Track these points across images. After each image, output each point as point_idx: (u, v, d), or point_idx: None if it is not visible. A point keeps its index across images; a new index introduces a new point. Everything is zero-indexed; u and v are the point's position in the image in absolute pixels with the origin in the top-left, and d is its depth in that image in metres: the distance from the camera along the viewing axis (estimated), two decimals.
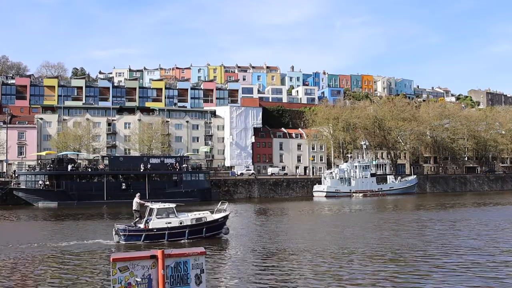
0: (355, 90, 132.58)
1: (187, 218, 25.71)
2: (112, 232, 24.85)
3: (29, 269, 18.70)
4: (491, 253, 20.50)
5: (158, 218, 24.81)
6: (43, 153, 71.65)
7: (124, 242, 23.82)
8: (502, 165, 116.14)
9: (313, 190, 78.77)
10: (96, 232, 29.38)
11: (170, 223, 24.86)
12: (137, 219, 25.45)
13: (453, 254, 20.23)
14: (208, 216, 26.25)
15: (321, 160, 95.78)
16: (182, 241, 24.72)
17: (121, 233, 24.12)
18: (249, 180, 78.42)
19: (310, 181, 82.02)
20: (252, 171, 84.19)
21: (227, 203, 27.99)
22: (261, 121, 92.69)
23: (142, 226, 24.76)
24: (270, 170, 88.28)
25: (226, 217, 26.78)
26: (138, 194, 26.79)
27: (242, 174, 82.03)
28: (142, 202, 26.08)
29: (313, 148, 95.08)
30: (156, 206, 25.29)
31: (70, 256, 21.02)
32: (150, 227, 24.53)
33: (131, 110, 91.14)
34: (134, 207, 25.92)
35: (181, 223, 25.21)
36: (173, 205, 26.26)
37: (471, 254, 20.25)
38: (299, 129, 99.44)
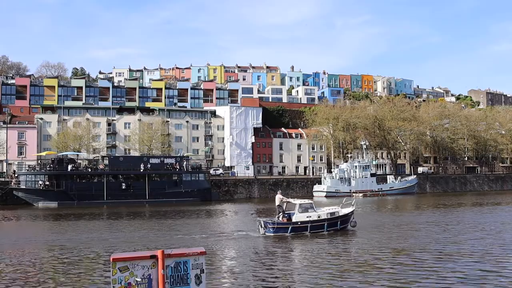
0: (355, 90, 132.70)
1: (324, 212, 28.23)
2: (258, 225, 27.28)
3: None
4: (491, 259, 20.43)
5: (300, 212, 27.21)
6: (43, 154, 71.66)
7: (272, 234, 26.18)
8: (502, 165, 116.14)
9: (313, 190, 78.76)
10: (238, 226, 32.74)
11: (310, 217, 27.30)
12: (280, 213, 27.43)
13: None
14: (340, 210, 28.74)
15: (321, 160, 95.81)
16: (322, 233, 27.13)
17: (270, 226, 26.53)
18: (249, 180, 78.46)
19: (310, 181, 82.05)
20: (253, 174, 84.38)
21: (354, 199, 30.62)
22: (261, 121, 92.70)
23: (280, 219, 27.12)
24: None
25: (353, 212, 29.24)
26: (279, 191, 29.88)
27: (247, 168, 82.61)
28: (284, 198, 28.50)
29: (313, 148, 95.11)
30: (298, 201, 28.11)
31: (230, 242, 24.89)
32: (294, 220, 26.94)
33: (131, 110, 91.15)
34: (277, 203, 27.86)
35: (319, 217, 27.64)
36: (311, 201, 29.49)
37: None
38: (299, 129, 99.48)
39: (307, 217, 27.17)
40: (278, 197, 27.88)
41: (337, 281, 15.48)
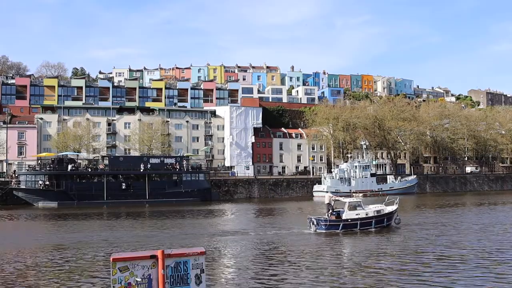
0: (355, 90, 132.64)
1: (371, 210, 29.48)
2: (309, 222, 28.57)
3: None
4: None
5: (349, 210, 28.65)
6: (43, 155, 71.52)
7: (324, 231, 27.48)
8: (502, 165, 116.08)
9: (313, 190, 78.76)
10: (291, 223, 34.01)
11: (358, 214, 28.73)
12: (330, 211, 28.81)
13: None
14: (385, 208, 30.12)
15: (321, 160, 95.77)
16: (370, 229, 28.49)
17: (322, 223, 27.84)
18: (249, 180, 78.45)
19: (310, 181, 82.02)
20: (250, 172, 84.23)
21: (398, 197, 32.39)
22: (261, 121, 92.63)
23: (329, 217, 28.57)
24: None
25: (397, 209, 30.94)
26: (330, 190, 30.37)
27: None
28: (333, 196, 30.12)
29: (313, 148, 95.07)
30: (347, 200, 29.73)
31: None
32: (344, 218, 28.31)
33: (131, 110, 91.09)
34: (327, 201, 29.42)
35: (367, 214, 28.99)
36: (359, 199, 31.16)
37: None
38: (299, 129, 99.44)
39: (356, 214, 28.58)
40: (328, 196, 29.71)
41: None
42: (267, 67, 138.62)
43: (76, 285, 15.65)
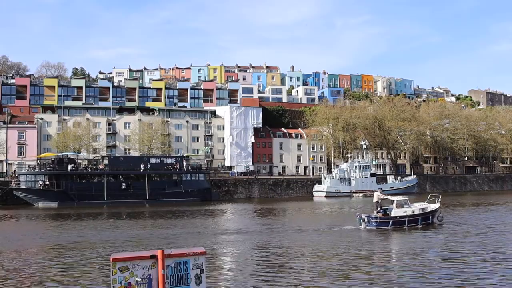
0: (355, 90, 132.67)
1: (416, 208, 30.49)
2: (359, 220, 29.51)
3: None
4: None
5: (397, 208, 29.65)
6: (43, 155, 71.46)
7: (375, 228, 28.42)
8: (502, 165, 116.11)
9: (313, 190, 78.77)
10: (341, 220, 34.90)
11: (406, 212, 29.77)
12: (378, 209, 29.72)
13: None
14: (429, 206, 31.08)
15: (321, 160, 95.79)
16: (417, 226, 29.49)
17: (373, 221, 28.86)
18: (249, 180, 78.46)
19: (310, 181, 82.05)
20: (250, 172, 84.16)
21: (440, 196, 32.80)
22: (261, 121, 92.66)
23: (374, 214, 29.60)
24: None
25: (439, 207, 31.89)
26: (379, 189, 33.74)
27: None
28: (381, 195, 31.00)
29: (313, 148, 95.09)
30: (395, 198, 30.72)
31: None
32: (392, 215, 29.44)
33: (131, 110, 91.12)
34: (375, 199, 30.52)
35: (413, 212, 30.01)
36: (406, 197, 31.84)
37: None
38: (299, 129, 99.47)
39: (404, 212, 29.65)
40: (377, 194, 30.66)
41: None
42: (267, 67, 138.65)
43: (76, 285, 15.64)
